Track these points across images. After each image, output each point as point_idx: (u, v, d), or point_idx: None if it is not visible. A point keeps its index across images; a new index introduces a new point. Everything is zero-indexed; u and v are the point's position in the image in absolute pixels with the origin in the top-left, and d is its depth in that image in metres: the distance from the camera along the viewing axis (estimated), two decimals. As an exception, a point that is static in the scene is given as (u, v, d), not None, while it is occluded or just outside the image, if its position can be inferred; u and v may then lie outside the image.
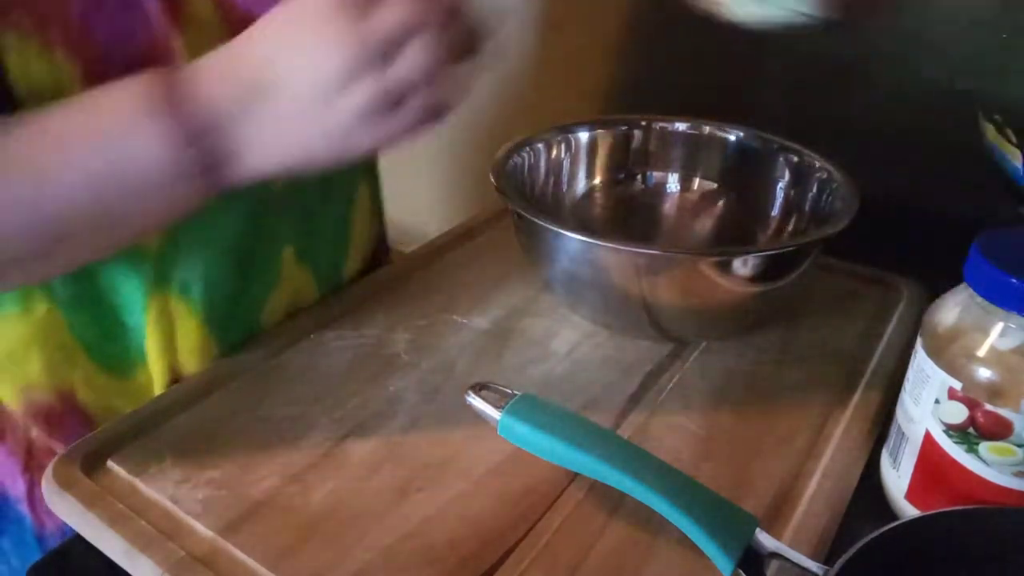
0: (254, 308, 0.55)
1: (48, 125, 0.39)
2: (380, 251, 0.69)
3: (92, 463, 0.43)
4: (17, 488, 0.56)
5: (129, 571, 0.39)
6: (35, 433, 0.54)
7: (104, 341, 0.51)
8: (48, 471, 0.43)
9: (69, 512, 0.41)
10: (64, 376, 0.51)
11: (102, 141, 0.38)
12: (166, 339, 0.51)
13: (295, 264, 0.57)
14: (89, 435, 0.45)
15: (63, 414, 0.52)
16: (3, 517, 0.57)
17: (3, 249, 0.40)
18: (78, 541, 0.41)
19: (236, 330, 0.54)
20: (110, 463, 0.43)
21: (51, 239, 0.40)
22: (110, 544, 0.40)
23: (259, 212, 0.52)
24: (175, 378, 0.52)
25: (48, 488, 0.42)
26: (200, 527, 0.40)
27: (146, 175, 0.38)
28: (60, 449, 0.52)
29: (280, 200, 0.53)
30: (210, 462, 0.44)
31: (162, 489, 0.42)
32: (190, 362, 0.52)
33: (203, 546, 0.39)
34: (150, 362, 0.52)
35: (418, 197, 1.00)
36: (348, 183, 0.61)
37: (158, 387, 0.53)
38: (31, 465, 0.55)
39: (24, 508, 0.56)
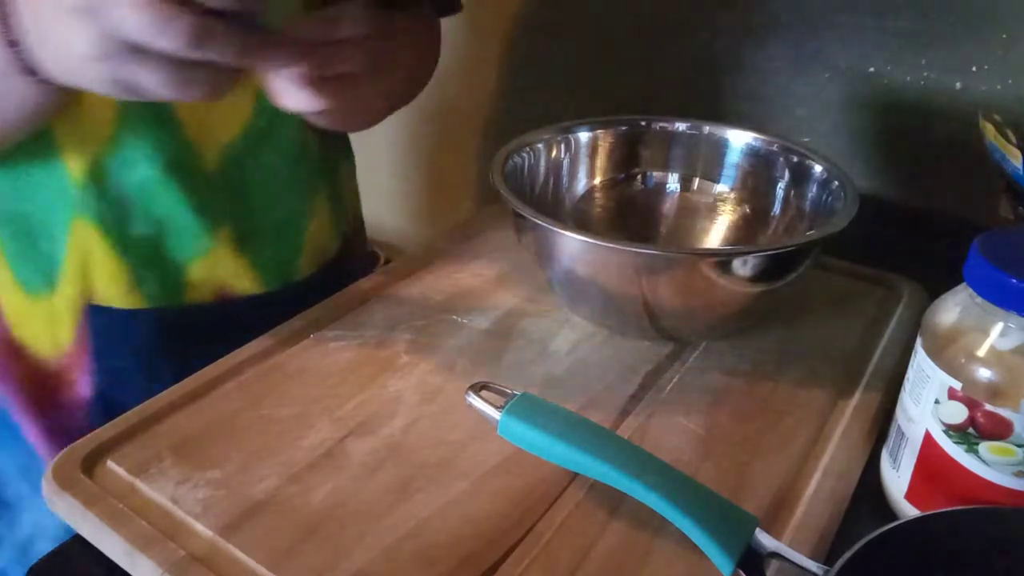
0: (174, 267, 0.57)
1: None
2: (349, 259, 0.69)
3: (92, 463, 0.43)
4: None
5: (129, 571, 0.39)
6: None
7: (21, 260, 0.55)
8: (48, 471, 0.43)
9: (69, 512, 0.41)
10: None
11: None
12: (82, 265, 0.54)
13: (230, 249, 0.58)
14: (89, 435, 0.45)
15: None
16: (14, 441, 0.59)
17: None
18: (78, 541, 0.41)
19: (154, 281, 0.57)
20: (110, 463, 0.43)
21: None
22: (110, 544, 0.40)
23: (188, 177, 0.55)
24: (88, 306, 0.55)
25: (48, 488, 0.42)
26: (200, 527, 0.40)
27: None
28: None
29: (214, 178, 0.56)
30: (210, 462, 0.44)
31: (162, 489, 0.42)
32: (108, 291, 0.55)
33: (203, 546, 0.39)
34: (63, 285, 0.55)
35: (417, 198, 1.00)
36: (299, 198, 0.62)
37: (67, 315, 0.56)
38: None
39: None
